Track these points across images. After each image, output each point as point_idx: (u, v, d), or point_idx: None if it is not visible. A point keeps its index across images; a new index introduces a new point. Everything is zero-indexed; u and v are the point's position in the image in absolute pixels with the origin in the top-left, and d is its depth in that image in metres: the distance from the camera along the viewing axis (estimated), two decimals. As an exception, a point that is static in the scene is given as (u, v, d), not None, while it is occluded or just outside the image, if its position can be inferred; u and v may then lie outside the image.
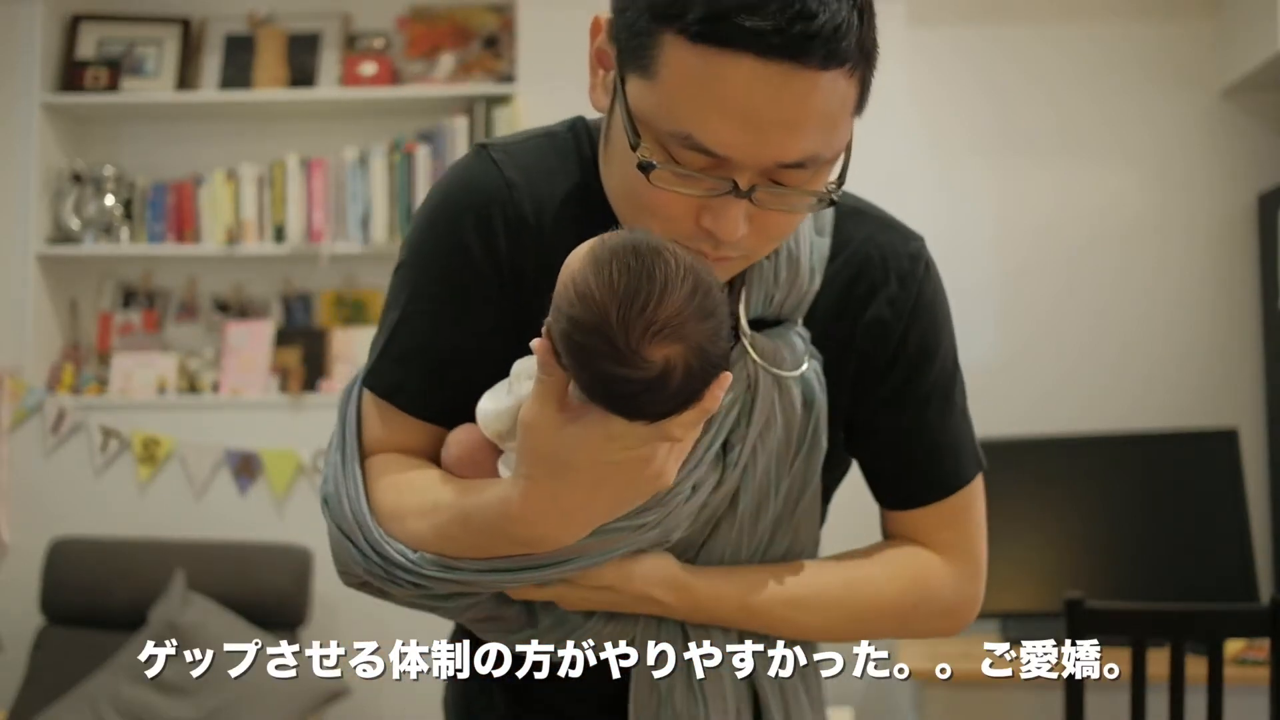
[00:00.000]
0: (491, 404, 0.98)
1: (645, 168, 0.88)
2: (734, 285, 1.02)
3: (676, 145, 0.88)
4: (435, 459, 1.05)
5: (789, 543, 1.09)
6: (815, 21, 0.82)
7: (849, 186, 0.97)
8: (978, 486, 1.12)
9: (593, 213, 1.00)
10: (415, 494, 1.01)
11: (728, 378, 0.86)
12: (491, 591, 1.01)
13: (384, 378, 1.06)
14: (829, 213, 1.06)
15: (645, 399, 0.83)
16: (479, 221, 1.02)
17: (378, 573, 1.00)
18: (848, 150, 0.93)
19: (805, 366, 1.04)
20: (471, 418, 1.01)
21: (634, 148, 0.89)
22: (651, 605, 1.02)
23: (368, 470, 1.05)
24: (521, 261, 1.02)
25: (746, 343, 1.01)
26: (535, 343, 0.87)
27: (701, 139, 0.86)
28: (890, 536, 1.14)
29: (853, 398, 1.08)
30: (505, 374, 1.00)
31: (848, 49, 0.84)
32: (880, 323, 1.06)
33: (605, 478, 0.89)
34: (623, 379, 0.82)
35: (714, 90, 0.84)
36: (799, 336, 1.05)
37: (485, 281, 1.02)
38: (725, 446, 1.03)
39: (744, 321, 1.02)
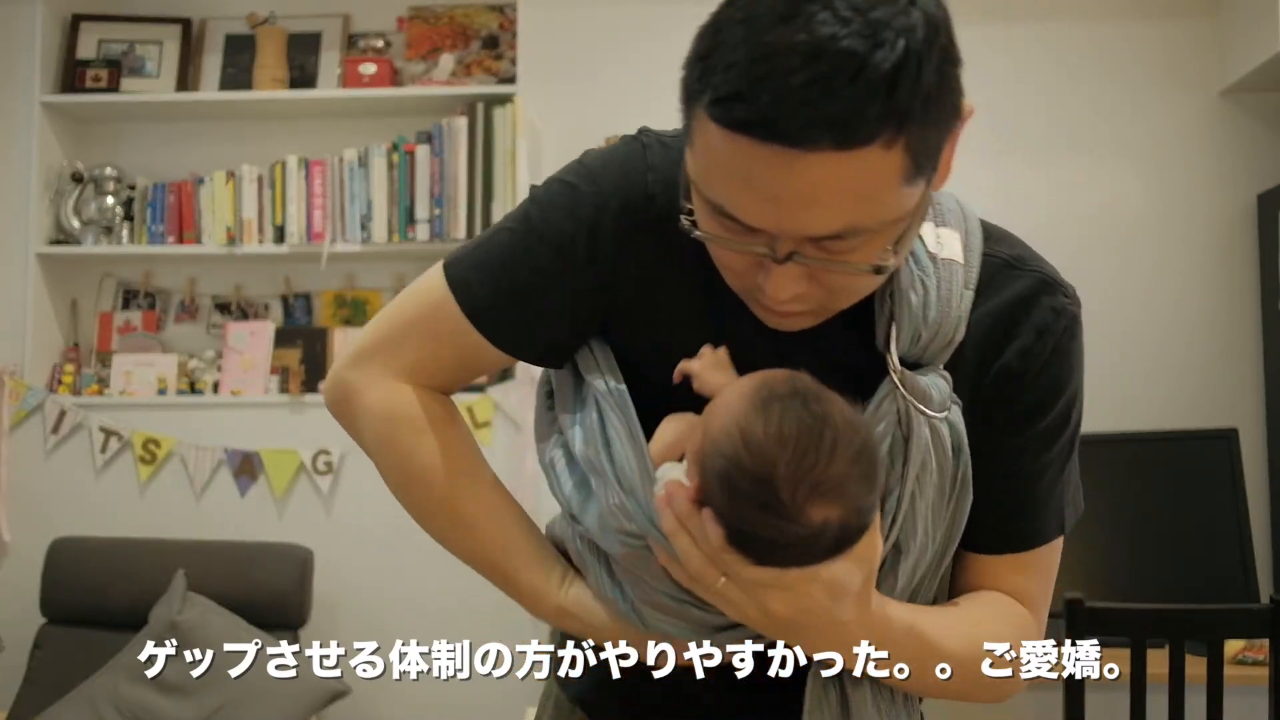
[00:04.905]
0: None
1: (689, 228, 0.91)
2: (884, 319, 0.99)
3: (716, 212, 0.88)
4: (459, 380, 1.10)
5: (928, 601, 1.06)
6: (816, 108, 0.78)
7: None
8: (1055, 547, 1.08)
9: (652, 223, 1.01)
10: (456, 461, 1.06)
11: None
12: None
13: (459, 268, 1.06)
14: (978, 263, 1.01)
15: (792, 552, 0.85)
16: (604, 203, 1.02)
17: None
18: (919, 214, 0.88)
19: (951, 410, 1.00)
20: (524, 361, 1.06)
21: (685, 211, 0.91)
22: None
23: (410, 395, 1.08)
24: (620, 250, 1.02)
25: (896, 378, 0.96)
26: (667, 492, 0.89)
27: (731, 210, 0.86)
28: (958, 578, 1.10)
29: (973, 446, 1.03)
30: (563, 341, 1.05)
31: (869, 129, 0.79)
32: (1007, 373, 1.01)
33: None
34: (778, 531, 0.84)
35: (731, 167, 0.83)
36: (943, 379, 1.00)
37: (579, 256, 1.02)
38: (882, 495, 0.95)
39: (894, 356, 0.97)
